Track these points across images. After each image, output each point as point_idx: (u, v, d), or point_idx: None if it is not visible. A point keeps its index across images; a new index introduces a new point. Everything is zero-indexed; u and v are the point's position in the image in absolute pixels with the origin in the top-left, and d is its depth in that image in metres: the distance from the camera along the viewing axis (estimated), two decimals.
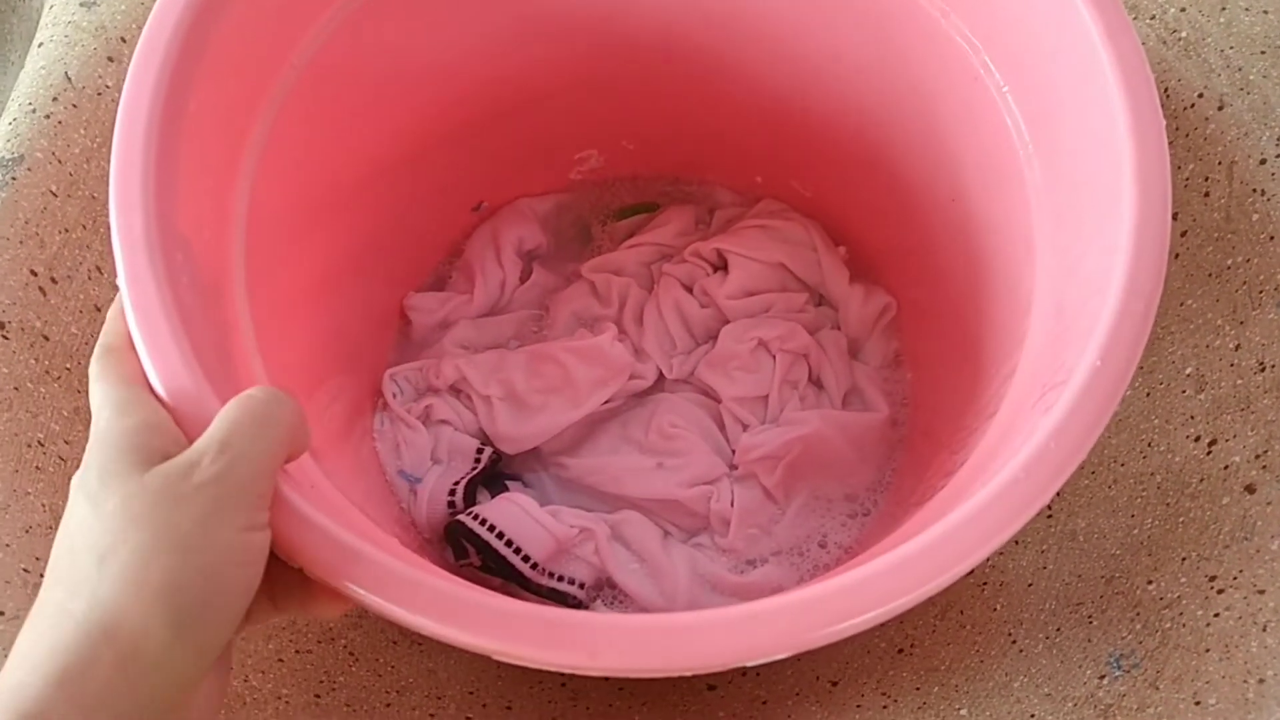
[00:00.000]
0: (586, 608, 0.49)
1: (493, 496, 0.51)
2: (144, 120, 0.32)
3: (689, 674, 0.28)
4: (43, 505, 0.41)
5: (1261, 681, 0.36)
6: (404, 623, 0.28)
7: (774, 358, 0.54)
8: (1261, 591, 0.37)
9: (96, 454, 0.29)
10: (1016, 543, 0.45)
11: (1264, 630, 0.37)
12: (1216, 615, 0.38)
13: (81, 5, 0.48)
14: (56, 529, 0.41)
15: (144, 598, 0.26)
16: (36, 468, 0.41)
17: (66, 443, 0.43)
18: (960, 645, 0.43)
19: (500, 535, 0.48)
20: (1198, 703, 0.36)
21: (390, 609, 0.28)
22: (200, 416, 0.29)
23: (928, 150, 0.46)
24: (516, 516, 0.48)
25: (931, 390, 0.52)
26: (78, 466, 0.29)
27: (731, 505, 0.50)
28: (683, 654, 0.27)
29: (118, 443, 0.28)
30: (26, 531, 0.40)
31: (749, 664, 0.28)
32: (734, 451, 0.53)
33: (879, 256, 0.57)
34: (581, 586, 0.49)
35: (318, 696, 0.43)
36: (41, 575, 0.40)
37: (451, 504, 0.50)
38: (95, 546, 0.27)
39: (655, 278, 0.58)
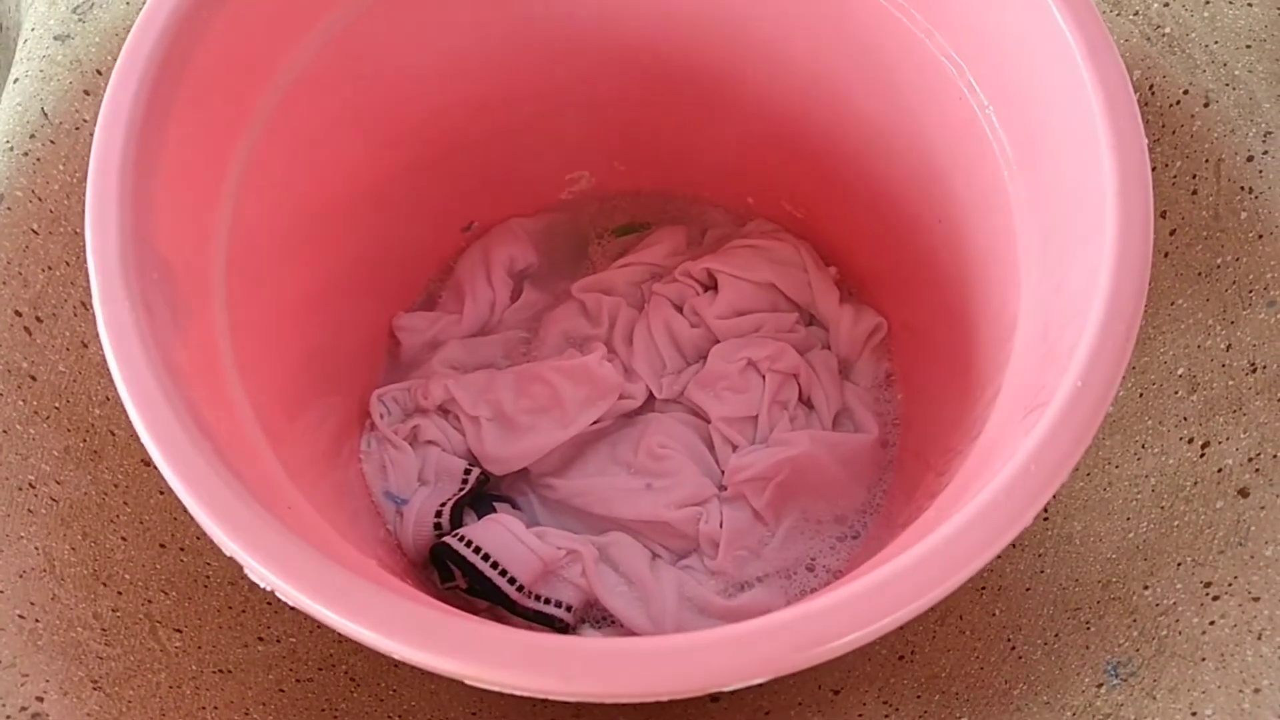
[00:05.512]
0: (573, 630, 0.49)
1: (479, 518, 0.50)
2: (121, 138, 0.32)
3: (667, 698, 0.28)
4: (36, 549, 0.40)
5: (1257, 691, 0.35)
6: (376, 646, 0.28)
7: (763, 378, 0.54)
8: (1256, 599, 0.37)
9: None
10: (1014, 545, 0.45)
11: (1259, 638, 0.36)
12: (1212, 623, 0.38)
13: (55, 39, 0.48)
14: (51, 573, 0.41)
15: None
16: (29, 510, 0.41)
17: (58, 483, 0.42)
18: (960, 652, 0.43)
19: (486, 557, 0.47)
20: (1194, 713, 0.36)
21: (361, 633, 0.27)
22: (171, 435, 0.29)
23: (916, 171, 0.46)
24: (502, 538, 0.48)
25: (922, 411, 0.52)
26: (70, 508, 0.27)
27: (720, 527, 0.50)
28: (659, 678, 0.27)
29: None
30: (20, 576, 0.40)
31: (728, 688, 0.28)
32: (723, 472, 0.53)
33: (870, 277, 0.57)
34: (569, 609, 0.48)
35: None
36: (37, 621, 0.40)
37: (438, 525, 0.50)
38: None
39: (645, 297, 0.57)
